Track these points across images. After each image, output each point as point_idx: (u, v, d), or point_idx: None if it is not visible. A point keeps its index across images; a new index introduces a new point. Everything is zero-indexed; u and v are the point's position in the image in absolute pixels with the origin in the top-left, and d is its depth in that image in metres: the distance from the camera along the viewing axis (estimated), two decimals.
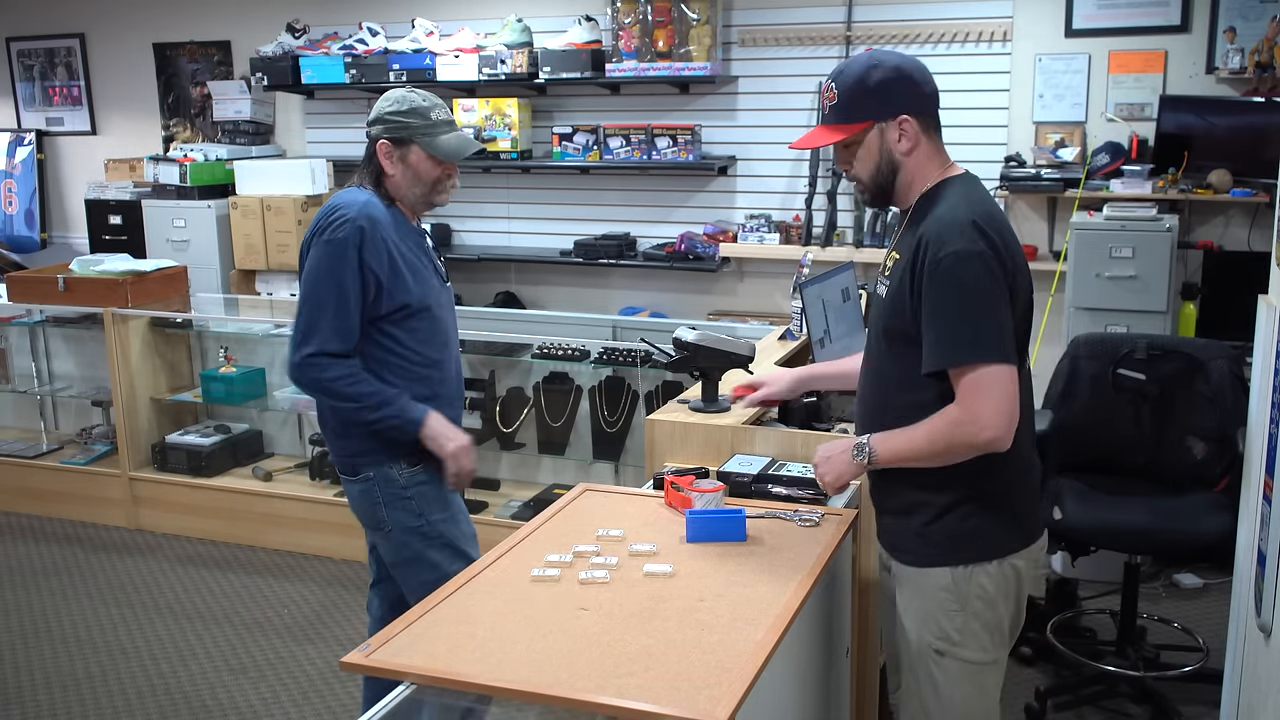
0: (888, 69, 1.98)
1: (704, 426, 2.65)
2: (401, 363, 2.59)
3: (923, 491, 2.00)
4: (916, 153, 2.00)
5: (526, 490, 4.65)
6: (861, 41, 5.03)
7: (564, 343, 4.47)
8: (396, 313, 2.55)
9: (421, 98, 2.59)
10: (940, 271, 1.86)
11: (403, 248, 2.55)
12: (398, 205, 2.61)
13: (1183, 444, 3.41)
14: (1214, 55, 4.58)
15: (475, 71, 5.37)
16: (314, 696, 3.49)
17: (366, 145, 2.62)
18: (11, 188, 7.03)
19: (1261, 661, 2.32)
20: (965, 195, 1.96)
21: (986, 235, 1.87)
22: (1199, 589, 4.07)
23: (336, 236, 2.47)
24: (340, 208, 2.52)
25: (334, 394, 2.53)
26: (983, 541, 2.00)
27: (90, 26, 6.74)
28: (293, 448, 5.12)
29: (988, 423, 1.85)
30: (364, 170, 2.61)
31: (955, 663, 2.04)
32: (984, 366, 1.85)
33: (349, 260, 2.46)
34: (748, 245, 5.27)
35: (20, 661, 3.74)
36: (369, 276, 2.49)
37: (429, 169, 2.57)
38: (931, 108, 2.03)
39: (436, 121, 2.57)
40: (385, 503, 2.65)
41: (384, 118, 2.57)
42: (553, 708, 1.69)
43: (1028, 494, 2.06)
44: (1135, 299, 4.23)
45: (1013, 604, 2.06)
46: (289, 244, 5.60)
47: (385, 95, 2.61)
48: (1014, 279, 1.90)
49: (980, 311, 1.86)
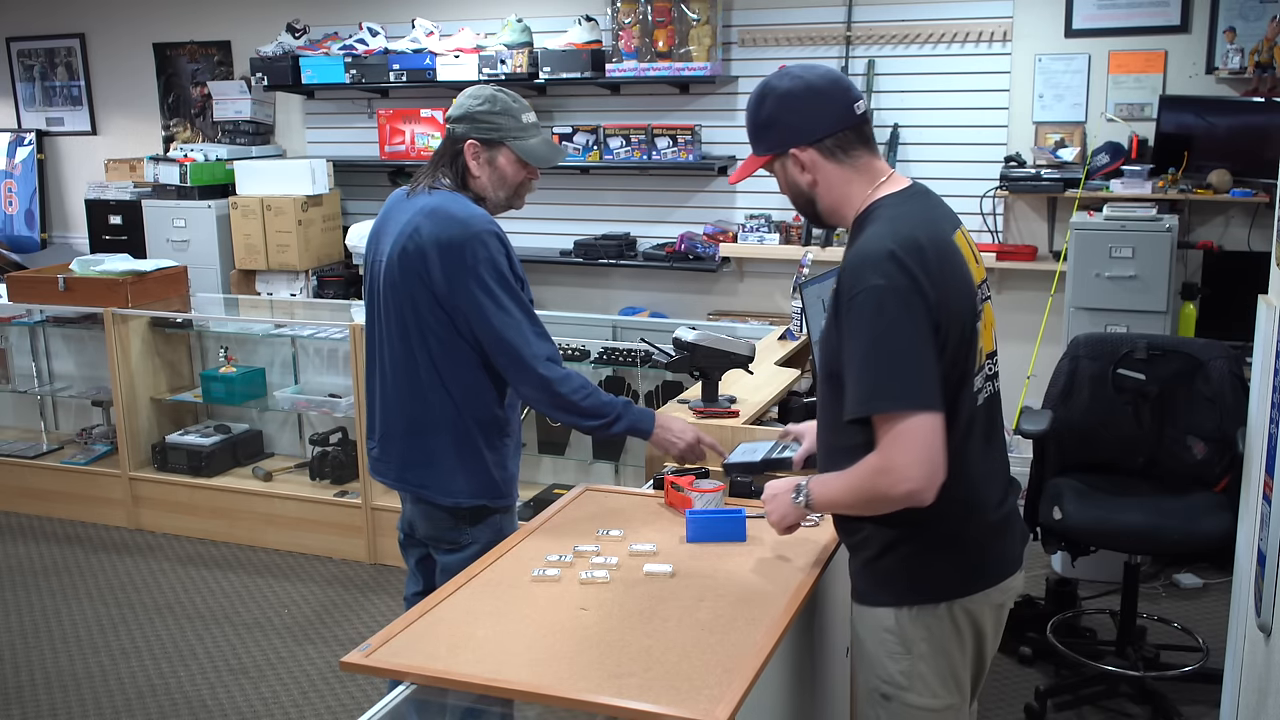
0: (775, 98, 1.85)
1: (704, 426, 2.65)
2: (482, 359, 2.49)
3: (868, 524, 1.85)
4: (826, 180, 1.86)
5: (526, 490, 4.64)
6: (861, 41, 5.03)
7: (564, 343, 4.47)
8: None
9: (512, 98, 2.48)
10: (854, 310, 1.71)
11: (510, 249, 2.48)
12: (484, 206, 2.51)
13: (1183, 444, 3.40)
14: (1214, 55, 4.58)
15: (475, 72, 5.37)
16: (314, 696, 3.49)
17: (446, 142, 2.49)
18: (11, 188, 7.03)
19: (1261, 661, 2.32)
20: (892, 219, 1.79)
21: (904, 267, 1.70)
22: (1199, 589, 4.07)
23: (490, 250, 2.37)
24: (469, 219, 2.39)
25: (578, 410, 2.41)
26: (927, 583, 1.85)
27: (90, 26, 6.74)
28: (293, 448, 5.12)
29: (904, 475, 1.69)
30: (443, 169, 2.47)
31: (902, 707, 1.88)
32: (900, 414, 1.69)
33: (504, 270, 2.39)
34: (748, 245, 5.27)
35: (20, 661, 3.74)
36: (515, 281, 2.43)
37: (515, 172, 2.48)
38: (830, 127, 1.83)
39: (528, 124, 2.47)
40: (472, 519, 2.53)
41: (475, 116, 2.44)
42: (553, 708, 1.69)
43: (984, 535, 1.88)
44: (1135, 299, 4.23)
45: (969, 648, 1.90)
46: (289, 244, 5.60)
47: (470, 92, 2.49)
48: (940, 311, 1.72)
49: (897, 353, 1.69)
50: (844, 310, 1.74)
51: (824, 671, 2.29)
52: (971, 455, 1.82)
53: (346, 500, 4.57)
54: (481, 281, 2.35)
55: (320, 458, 4.74)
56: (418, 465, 2.50)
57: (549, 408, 2.43)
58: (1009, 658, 3.58)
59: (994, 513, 1.88)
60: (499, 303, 2.36)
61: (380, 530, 4.49)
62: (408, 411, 2.48)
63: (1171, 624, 3.73)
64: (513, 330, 2.37)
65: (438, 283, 2.37)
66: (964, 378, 1.79)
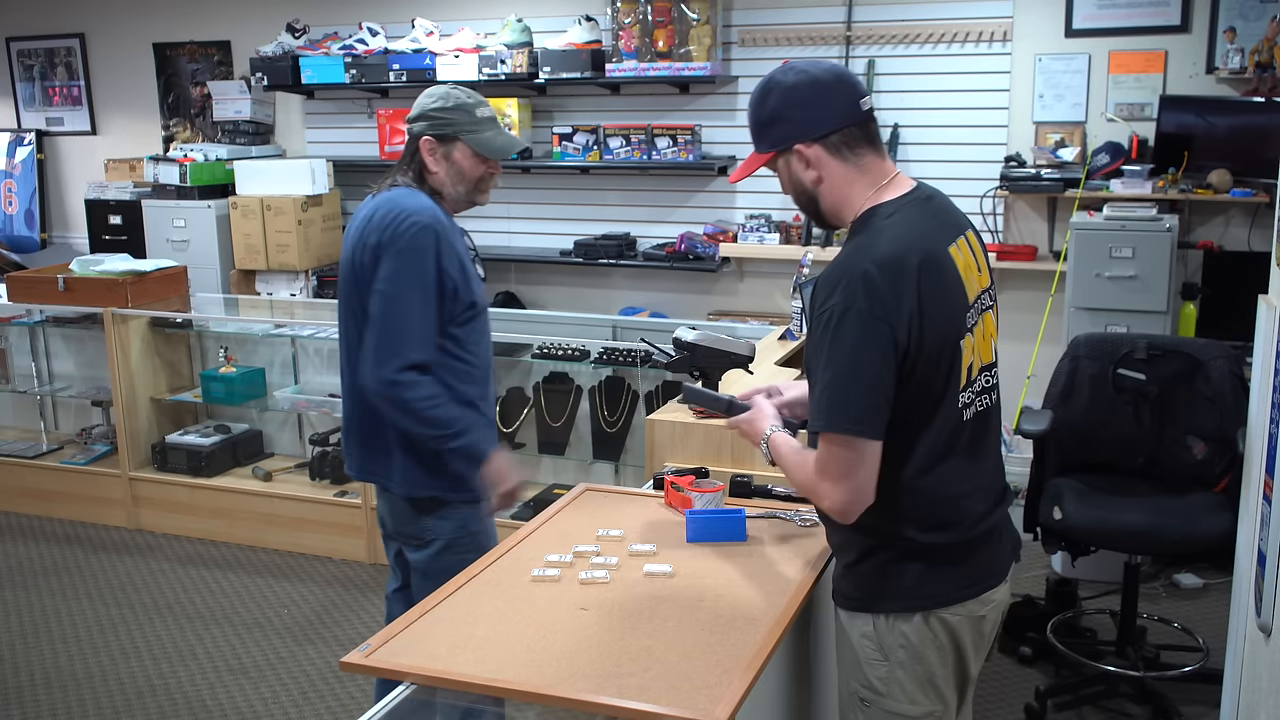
0: (780, 93, 1.80)
1: (704, 426, 2.65)
2: (464, 366, 2.52)
3: (848, 531, 1.83)
4: (830, 178, 1.82)
5: (526, 490, 4.65)
6: (861, 41, 5.03)
7: (564, 343, 4.47)
8: (465, 313, 2.50)
9: (466, 94, 2.54)
10: (819, 327, 1.72)
11: (459, 246, 2.51)
12: (442, 203, 2.55)
13: (1183, 444, 3.40)
14: (1214, 55, 4.58)
15: (475, 71, 5.37)
16: (314, 696, 3.49)
17: (407, 142, 2.57)
18: (11, 188, 7.03)
19: (1261, 661, 2.32)
20: (881, 231, 1.76)
21: (872, 289, 1.67)
22: (1199, 589, 4.07)
23: (417, 244, 2.40)
24: (409, 213, 2.43)
25: (418, 417, 2.43)
26: (904, 591, 1.82)
27: (90, 26, 6.74)
28: (293, 448, 5.12)
29: (826, 494, 1.75)
30: (404, 167, 2.55)
31: (880, 713, 1.87)
32: (835, 437, 1.71)
33: (428, 267, 2.40)
34: (748, 245, 5.27)
35: (20, 661, 3.74)
36: (446, 281, 2.43)
37: (473, 166, 2.53)
38: (836, 123, 1.79)
39: (482, 119, 2.53)
40: (436, 512, 2.56)
41: (428, 114, 2.52)
42: (553, 708, 1.69)
43: (963, 549, 1.84)
44: (1135, 299, 4.23)
45: (950, 657, 1.86)
46: (289, 244, 5.60)
47: (428, 91, 2.56)
48: (910, 333, 1.69)
49: (845, 377, 1.69)
50: (814, 320, 1.76)
51: (823, 672, 2.29)
52: (950, 473, 1.79)
53: (346, 500, 4.57)
54: (395, 264, 2.40)
55: (320, 458, 4.74)
56: (375, 456, 2.58)
57: (387, 405, 2.43)
58: (1009, 658, 3.58)
59: (976, 527, 1.84)
60: (400, 290, 2.40)
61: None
62: (363, 404, 2.54)
63: (1171, 624, 3.73)
64: (396, 321, 2.40)
65: (374, 269, 2.45)
66: (941, 397, 1.76)
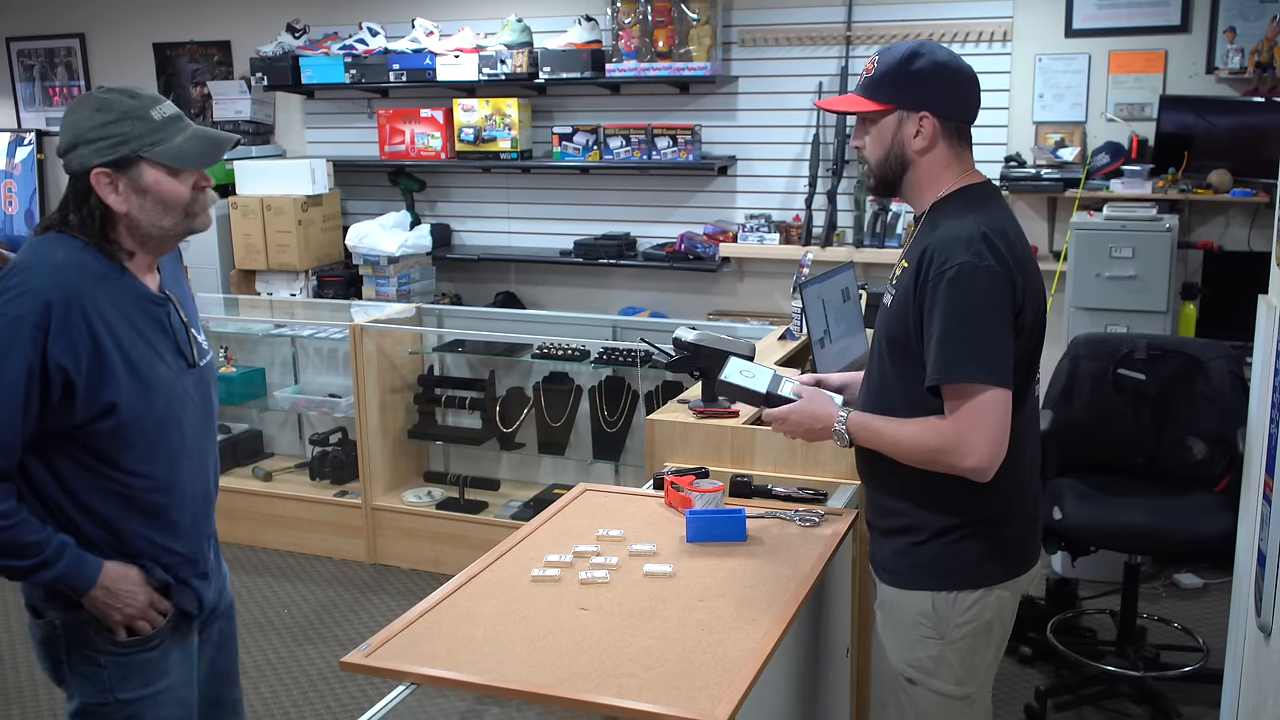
0: (930, 62, 1.90)
1: (704, 426, 2.65)
2: (111, 485, 1.87)
3: (921, 512, 1.93)
4: (931, 155, 1.92)
5: (526, 490, 4.65)
6: (861, 41, 5.03)
7: (564, 343, 4.47)
8: (100, 418, 1.82)
9: (129, 95, 1.90)
10: (944, 285, 1.80)
11: (120, 326, 1.84)
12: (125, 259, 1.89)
13: (1183, 444, 3.41)
14: (1214, 55, 4.58)
15: (475, 71, 5.37)
16: (314, 696, 3.49)
17: (71, 181, 1.87)
18: (11, 188, 7.03)
19: (1261, 661, 2.32)
20: (980, 206, 1.89)
21: (995, 249, 1.80)
22: (1199, 589, 4.07)
23: (9, 313, 1.75)
24: (24, 271, 1.80)
25: None
26: (969, 568, 1.92)
27: (90, 26, 6.74)
28: (293, 448, 5.12)
29: (973, 449, 1.78)
30: (73, 215, 1.86)
31: (926, 693, 1.96)
32: (978, 387, 1.78)
33: (20, 347, 1.75)
34: (748, 245, 5.27)
35: (20, 661, 3.74)
36: (54, 374, 1.77)
37: (174, 187, 1.90)
38: (962, 114, 1.94)
39: (163, 121, 1.91)
40: (70, 661, 1.93)
41: (88, 136, 1.84)
42: (553, 708, 1.69)
43: (1026, 523, 1.97)
44: (1135, 299, 4.23)
45: (996, 636, 1.97)
46: (289, 244, 5.59)
47: (73, 108, 1.89)
48: (1023, 297, 1.83)
49: (980, 329, 1.79)
50: (931, 284, 1.82)
51: (824, 671, 2.29)
52: (1029, 445, 1.94)
53: (346, 500, 4.57)
54: None
55: (320, 458, 4.74)
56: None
57: None
58: (1009, 658, 3.58)
59: (1036, 503, 2.00)
60: None
61: (380, 530, 4.49)
62: None
63: (1171, 624, 3.73)
64: None
65: None
66: (1030, 367, 1.91)
